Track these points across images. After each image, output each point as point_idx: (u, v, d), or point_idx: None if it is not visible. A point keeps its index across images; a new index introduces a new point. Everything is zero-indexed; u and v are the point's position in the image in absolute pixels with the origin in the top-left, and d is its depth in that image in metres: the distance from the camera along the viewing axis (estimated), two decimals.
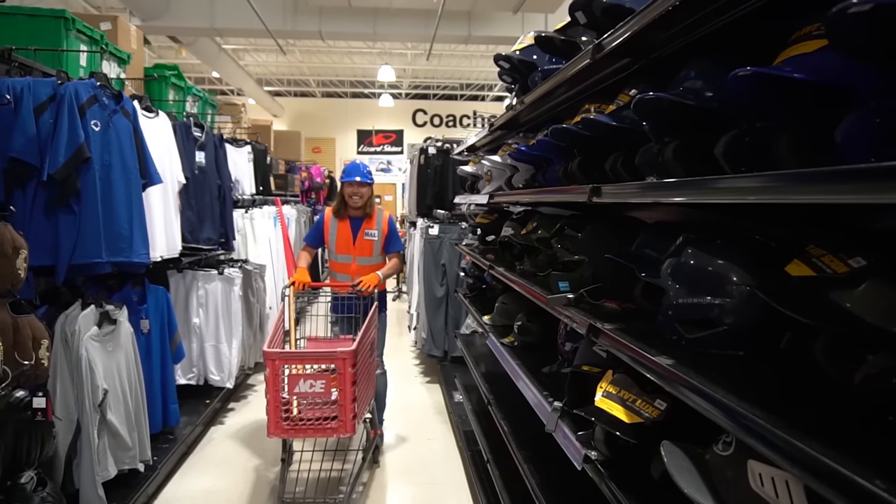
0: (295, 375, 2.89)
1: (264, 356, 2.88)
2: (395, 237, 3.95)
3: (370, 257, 3.90)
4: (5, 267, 2.16)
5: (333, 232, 3.90)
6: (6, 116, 2.57)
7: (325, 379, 2.88)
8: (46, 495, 2.39)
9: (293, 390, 2.88)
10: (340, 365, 2.86)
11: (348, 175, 3.83)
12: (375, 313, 3.48)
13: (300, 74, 16.00)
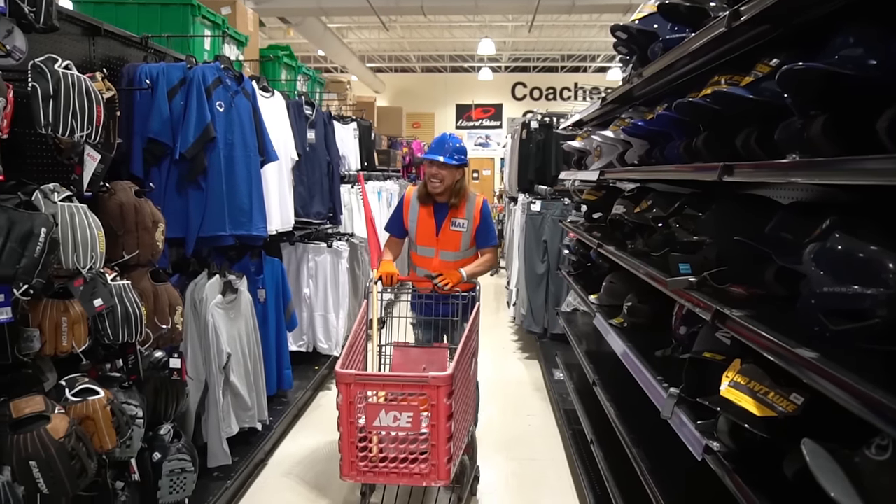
0: (375, 405, 2.25)
1: (336, 378, 2.27)
2: (489, 229, 3.24)
3: (456, 252, 3.21)
4: (146, 239, 2.36)
5: (414, 218, 3.25)
6: (145, 100, 2.77)
7: (413, 411, 2.23)
8: (181, 446, 2.61)
9: (372, 423, 2.24)
10: (433, 394, 2.18)
11: (430, 152, 3.14)
12: (477, 318, 2.87)
13: (401, 50, 16.16)
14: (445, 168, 3.09)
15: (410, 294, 3.27)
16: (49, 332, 1.95)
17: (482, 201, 3.25)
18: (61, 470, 1.80)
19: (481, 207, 3.22)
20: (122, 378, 2.28)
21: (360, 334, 2.72)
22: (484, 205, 3.24)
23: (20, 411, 1.80)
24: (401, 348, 3.04)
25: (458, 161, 3.10)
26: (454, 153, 3.10)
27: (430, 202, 3.19)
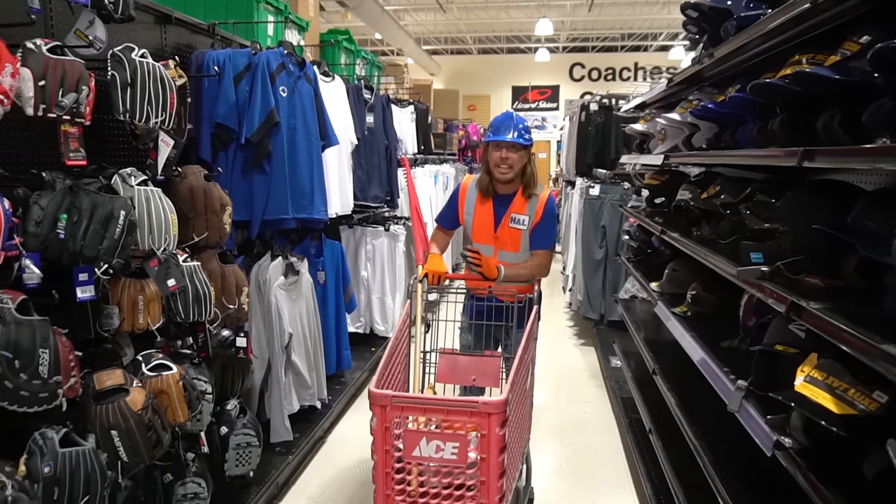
0: (415, 432, 1.87)
1: (370, 399, 1.89)
2: (548, 229, 2.78)
3: (517, 253, 2.76)
4: (215, 221, 2.44)
5: (471, 211, 2.82)
6: (212, 86, 2.85)
7: (459, 441, 1.84)
8: (247, 422, 2.72)
9: (411, 453, 1.86)
10: (483, 423, 1.81)
11: (496, 132, 2.67)
12: (536, 324, 2.50)
13: (457, 32, 16.05)
14: (515, 149, 2.64)
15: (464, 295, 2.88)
16: (127, 310, 2.05)
17: (548, 196, 2.77)
18: (139, 440, 1.89)
19: (545, 203, 2.74)
20: (193, 355, 2.38)
21: (401, 340, 2.37)
22: (549, 201, 2.76)
23: (102, 383, 1.90)
24: (447, 356, 2.59)
25: (527, 141, 2.68)
26: (525, 131, 2.68)
27: (490, 194, 2.76)
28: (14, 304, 1.63)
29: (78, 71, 1.74)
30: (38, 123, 1.95)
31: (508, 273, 2.62)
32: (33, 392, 1.63)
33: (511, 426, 1.94)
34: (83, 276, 1.81)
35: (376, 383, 2.02)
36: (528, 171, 2.74)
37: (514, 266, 2.69)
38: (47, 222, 1.71)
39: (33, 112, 1.67)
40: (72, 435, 1.78)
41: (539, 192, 2.76)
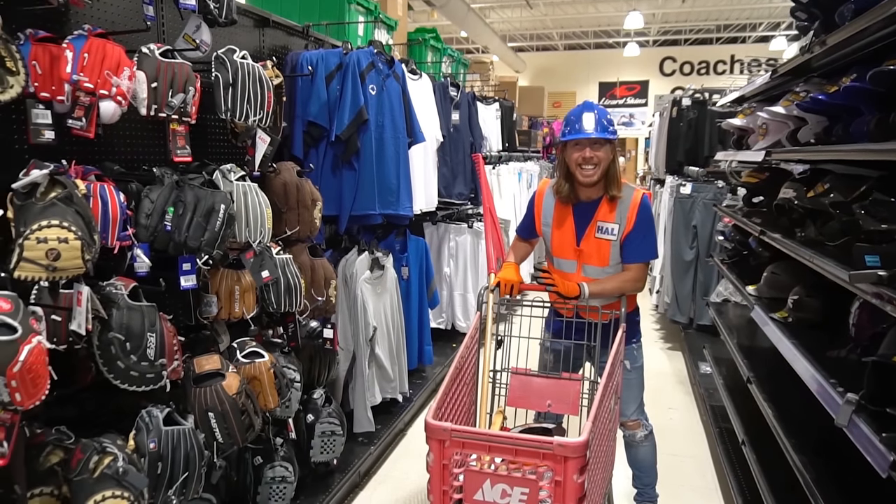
0: (478, 473, 1.63)
1: (427, 430, 1.63)
2: (646, 236, 2.34)
3: (604, 268, 2.38)
4: (306, 216, 2.52)
5: (549, 221, 2.46)
6: (305, 85, 2.95)
7: (529, 486, 1.58)
8: (332, 411, 2.80)
9: (472, 496, 1.62)
10: (558, 468, 1.53)
11: (575, 127, 2.26)
12: (622, 345, 2.17)
13: (543, 28, 15.85)
14: (600, 145, 2.24)
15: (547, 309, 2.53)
16: (224, 299, 2.16)
17: (641, 197, 2.33)
18: (234, 422, 1.99)
19: (639, 207, 2.31)
20: (283, 344, 2.48)
21: (467, 359, 2.12)
22: (643, 204, 2.32)
23: (201, 367, 2.01)
24: (520, 376, 2.32)
25: (612, 133, 2.27)
26: (609, 123, 2.27)
27: (570, 201, 2.38)
28: (126, 291, 1.76)
29: (185, 73, 1.85)
30: (149, 123, 2.10)
31: (593, 290, 2.28)
32: (141, 372, 1.75)
33: (592, 470, 1.64)
34: (186, 265, 1.92)
35: (435, 412, 1.73)
36: (612, 171, 2.31)
37: (600, 282, 2.33)
38: (156, 215, 1.83)
39: (146, 112, 1.79)
40: (174, 414, 1.90)
41: (627, 194, 2.33)
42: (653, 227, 2.38)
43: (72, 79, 1.61)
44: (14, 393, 1.29)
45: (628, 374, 2.49)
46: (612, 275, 2.37)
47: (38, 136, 1.61)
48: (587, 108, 2.30)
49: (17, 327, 1.30)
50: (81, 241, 1.44)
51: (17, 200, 1.44)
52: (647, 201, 2.37)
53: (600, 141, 2.25)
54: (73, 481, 1.57)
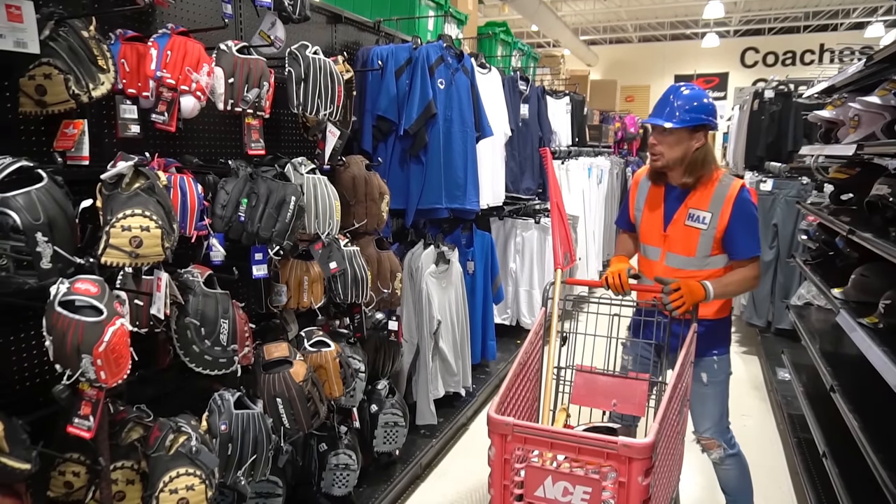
0: (539, 469, 1.62)
1: (489, 424, 1.63)
2: (748, 230, 2.19)
3: (689, 258, 2.25)
4: (374, 209, 2.56)
5: (641, 205, 2.39)
6: (375, 80, 2.99)
7: (591, 486, 1.56)
8: (395, 402, 2.84)
9: (533, 492, 1.61)
10: (622, 469, 1.51)
11: (651, 114, 2.25)
12: (693, 345, 2.04)
13: (617, 20, 15.46)
14: (665, 136, 2.16)
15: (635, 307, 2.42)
16: (293, 289, 2.22)
17: (738, 188, 2.18)
18: (300, 409, 2.05)
19: (736, 196, 2.16)
20: (349, 335, 2.52)
21: (531, 355, 2.06)
22: (742, 196, 2.17)
23: (270, 354, 2.08)
24: (585, 374, 2.28)
25: (685, 121, 2.12)
26: (682, 110, 2.13)
27: (661, 181, 2.31)
28: (202, 278, 1.83)
29: (260, 68, 1.91)
30: (226, 117, 2.18)
31: (717, 290, 2.14)
32: (214, 357, 1.82)
33: (657, 473, 1.59)
34: (258, 255, 1.99)
35: (497, 406, 1.73)
36: (697, 159, 2.17)
37: (722, 280, 2.19)
38: (231, 206, 1.90)
39: (223, 107, 1.85)
40: (244, 399, 1.97)
41: (725, 183, 2.20)
42: (754, 220, 2.21)
43: (155, 75, 1.69)
44: (99, 371, 1.37)
45: (703, 388, 2.33)
46: (731, 276, 2.23)
47: (126, 130, 1.71)
48: (670, 91, 2.22)
49: (102, 310, 1.38)
50: (161, 229, 1.52)
51: (105, 190, 1.53)
52: (746, 194, 2.19)
53: (667, 130, 2.16)
54: (150, 457, 1.66)
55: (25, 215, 1.31)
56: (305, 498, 2.51)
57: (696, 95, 2.17)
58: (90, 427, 1.43)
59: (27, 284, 1.34)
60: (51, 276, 1.36)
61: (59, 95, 1.50)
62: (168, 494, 1.61)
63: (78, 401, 1.44)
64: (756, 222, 2.22)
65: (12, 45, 1.41)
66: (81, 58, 1.54)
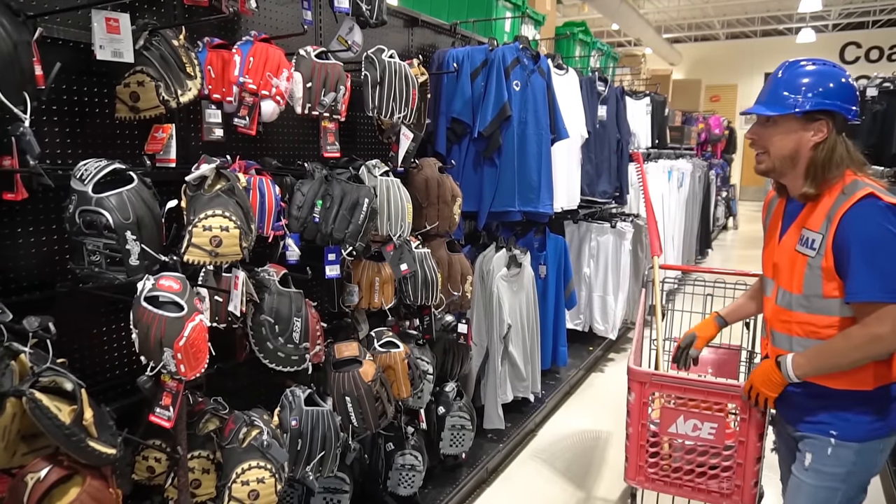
0: (673, 409, 2.03)
1: (629, 375, 2.11)
2: (861, 253, 1.51)
3: (797, 295, 1.65)
4: (446, 212, 2.56)
5: (767, 223, 1.88)
6: (450, 83, 3.00)
7: (717, 422, 1.97)
8: (463, 405, 2.83)
9: (666, 429, 2.03)
10: (744, 407, 1.89)
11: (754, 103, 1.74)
12: None
13: (703, 17, 14.88)
14: (767, 128, 1.66)
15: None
16: (365, 289, 2.25)
17: (859, 200, 1.52)
18: (368, 408, 2.07)
19: (851, 206, 1.52)
20: (418, 336, 2.54)
21: (641, 325, 2.55)
22: (860, 208, 1.51)
23: (341, 353, 2.12)
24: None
25: (792, 106, 1.59)
26: (792, 91, 1.60)
27: (783, 192, 1.77)
28: (277, 277, 1.89)
29: (337, 72, 1.95)
30: (304, 121, 2.24)
31: (802, 366, 1.62)
32: (287, 354, 1.88)
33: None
34: (332, 256, 2.03)
35: (634, 360, 2.21)
36: (819, 158, 1.59)
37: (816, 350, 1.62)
38: (306, 207, 1.95)
39: (301, 110, 1.91)
40: (314, 396, 2.01)
41: (849, 191, 1.55)
42: (877, 244, 1.49)
43: (238, 81, 1.75)
44: (179, 364, 1.44)
45: (802, 473, 1.71)
46: (840, 340, 1.57)
47: (210, 133, 1.78)
48: (780, 68, 1.69)
49: (183, 306, 1.45)
50: (240, 229, 1.57)
51: (189, 191, 1.61)
52: (868, 204, 1.51)
53: (768, 119, 1.65)
54: (224, 448, 1.73)
55: (117, 215, 1.39)
56: (372, 495, 2.54)
57: (813, 72, 1.61)
58: (170, 417, 1.50)
59: (117, 280, 1.42)
60: (138, 272, 1.44)
61: (150, 101, 1.58)
62: (240, 486, 1.67)
63: (160, 391, 1.51)
64: (884, 247, 1.49)
65: (110, 55, 1.50)
66: (171, 65, 1.62)
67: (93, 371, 1.77)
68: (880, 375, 1.59)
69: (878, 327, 1.50)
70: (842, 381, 1.61)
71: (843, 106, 1.58)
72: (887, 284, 1.49)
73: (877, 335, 1.51)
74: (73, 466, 1.32)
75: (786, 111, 1.60)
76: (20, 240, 1.56)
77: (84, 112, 1.65)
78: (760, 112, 1.66)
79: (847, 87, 1.60)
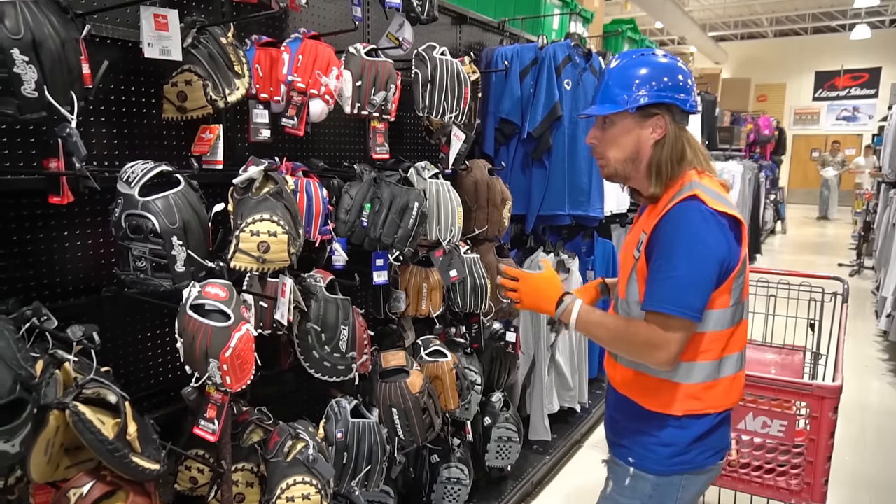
0: (741, 406, 2.07)
1: None
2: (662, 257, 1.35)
3: (623, 301, 1.50)
4: (495, 215, 2.46)
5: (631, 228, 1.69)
6: (499, 82, 2.90)
7: (788, 420, 2.02)
8: (509, 416, 2.72)
9: (735, 425, 2.04)
10: (816, 406, 1.97)
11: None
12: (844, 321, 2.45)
13: (750, 14, 14.44)
14: (604, 130, 1.49)
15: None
16: (412, 296, 2.17)
17: (682, 200, 1.35)
18: (415, 420, 1.99)
19: (665, 213, 1.36)
20: (466, 345, 2.45)
21: None
22: (680, 208, 1.35)
23: (387, 362, 2.04)
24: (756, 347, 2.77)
25: (623, 103, 1.42)
26: (620, 88, 1.43)
27: (637, 196, 1.58)
28: (324, 283, 1.82)
29: (388, 71, 1.87)
30: (350, 121, 2.17)
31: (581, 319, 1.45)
32: (333, 363, 1.80)
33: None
34: (379, 261, 1.95)
35: None
36: (660, 157, 1.42)
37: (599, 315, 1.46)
38: (354, 210, 1.87)
39: (350, 110, 1.83)
40: (361, 407, 1.94)
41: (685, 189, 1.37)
42: (681, 248, 1.33)
43: (286, 79, 1.68)
44: (225, 376, 1.37)
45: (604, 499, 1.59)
46: (611, 319, 1.45)
47: (257, 134, 1.72)
48: (608, 66, 1.50)
49: (230, 315, 1.38)
50: (288, 234, 1.50)
51: (236, 195, 1.54)
52: (686, 208, 1.34)
53: (602, 119, 1.48)
54: (269, 462, 1.66)
55: (163, 219, 1.33)
56: None
57: (642, 65, 1.44)
58: (215, 430, 1.44)
59: (162, 287, 1.36)
60: (184, 279, 1.38)
61: (198, 101, 1.53)
62: (284, 502, 1.60)
63: (204, 403, 1.45)
64: (689, 255, 1.33)
65: (158, 53, 1.45)
66: (219, 64, 1.57)
67: (137, 377, 1.72)
68: (689, 403, 1.43)
69: (653, 332, 1.35)
70: (653, 402, 1.46)
71: (678, 97, 1.42)
72: (678, 297, 1.33)
73: (653, 340, 1.35)
74: (117, 482, 1.27)
75: (618, 108, 1.43)
76: (66, 243, 1.53)
77: (131, 112, 1.61)
78: (593, 113, 1.50)
79: (679, 76, 1.44)
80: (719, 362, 1.42)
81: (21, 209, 1.44)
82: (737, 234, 1.37)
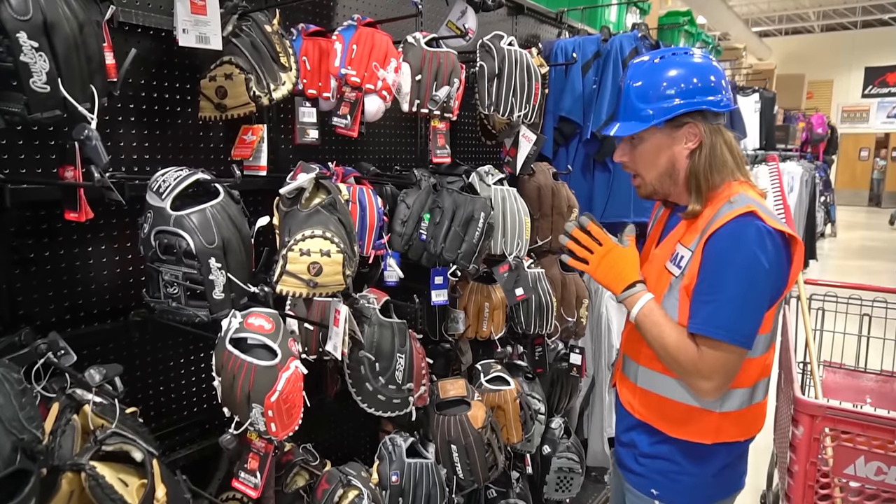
0: (851, 449, 1.69)
1: (797, 405, 1.76)
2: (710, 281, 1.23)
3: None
4: (560, 224, 2.21)
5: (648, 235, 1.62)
6: (558, 77, 2.64)
7: None
8: (571, 444, 2.47)
9: (841, 470, 1.71)
10: None
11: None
12: None
13: (796, 8, 13.87)
14: (633, 147, 1.37)
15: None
16: (472, 316, 1.94)
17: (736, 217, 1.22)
18: (477, 458, 1.76)
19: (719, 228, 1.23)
20: (528, 368, 2.20)
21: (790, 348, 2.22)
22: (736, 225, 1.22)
23: (446, 392, 1.81)
24: (834, 370, 2.40)
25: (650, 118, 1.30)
26: (644, 101, 1.31)
27: (669, 204, 1.47)
28: (379, 305, 1.60)
29: (451, 63, 1.64)
30: (403, 120, 1.94)
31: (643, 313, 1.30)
32: (388, 397, 1.58)
33: None
34: (439, 279, 1.72)
35: (791, 387, 1.91)
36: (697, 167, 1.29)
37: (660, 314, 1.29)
38: (412, 222, 1.65)
39: (408, 108, 1.60)
40: (417, 445, 1.71)
41: (723, 212, 1.24)
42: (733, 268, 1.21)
43: (339, 73, 1.46)
44: (270, 423, 1.16)
45: None
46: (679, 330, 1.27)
47: (304, 135, 1.51)
48: (626, 75, 1.37)
49: (277, 351, 1.16)
50: (343, 254, 1.28)
51: (283, 206, 1.33)
52: (742, 225, 1.21)
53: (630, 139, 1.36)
54: None
55: (199, 238, 1.11)
56: None
57: (659, 68, 1.29)
58: (257, 485, 1.23)
59: (198, 317, 1.15)
60: (223, 307, 1.17)
61: (239, 98, 1.32)
62: None
63: (245, 451, 1.24)
64: (746, 278, 1.20)
65: (194, 41, 1.24)
66: (264, 55, 1.36)
67: (168, 409, 1.52)
68: (722, 432, 1.33)
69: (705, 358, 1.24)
70: (680, 430, 1.35)
71: (708, 100, 1.28)
72: (732, 322, 1.21)
73: (705, 366, 1.24)
74: None
75: (645, 125, 1.30)
76: (91, 260, 1.33)
77: (163, 111, 1.40)
78: (618, 134, 1.36)
79: (709, 76, 1.29)
80: (752, 388, 1.34)
81: (40, 222, 1.24)
82: (790, 254, 1.26)
